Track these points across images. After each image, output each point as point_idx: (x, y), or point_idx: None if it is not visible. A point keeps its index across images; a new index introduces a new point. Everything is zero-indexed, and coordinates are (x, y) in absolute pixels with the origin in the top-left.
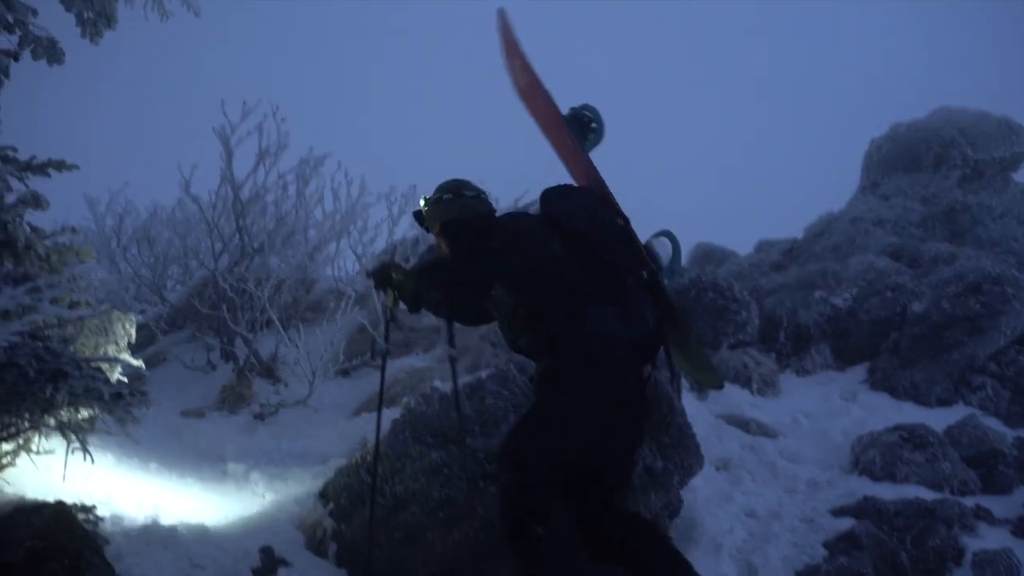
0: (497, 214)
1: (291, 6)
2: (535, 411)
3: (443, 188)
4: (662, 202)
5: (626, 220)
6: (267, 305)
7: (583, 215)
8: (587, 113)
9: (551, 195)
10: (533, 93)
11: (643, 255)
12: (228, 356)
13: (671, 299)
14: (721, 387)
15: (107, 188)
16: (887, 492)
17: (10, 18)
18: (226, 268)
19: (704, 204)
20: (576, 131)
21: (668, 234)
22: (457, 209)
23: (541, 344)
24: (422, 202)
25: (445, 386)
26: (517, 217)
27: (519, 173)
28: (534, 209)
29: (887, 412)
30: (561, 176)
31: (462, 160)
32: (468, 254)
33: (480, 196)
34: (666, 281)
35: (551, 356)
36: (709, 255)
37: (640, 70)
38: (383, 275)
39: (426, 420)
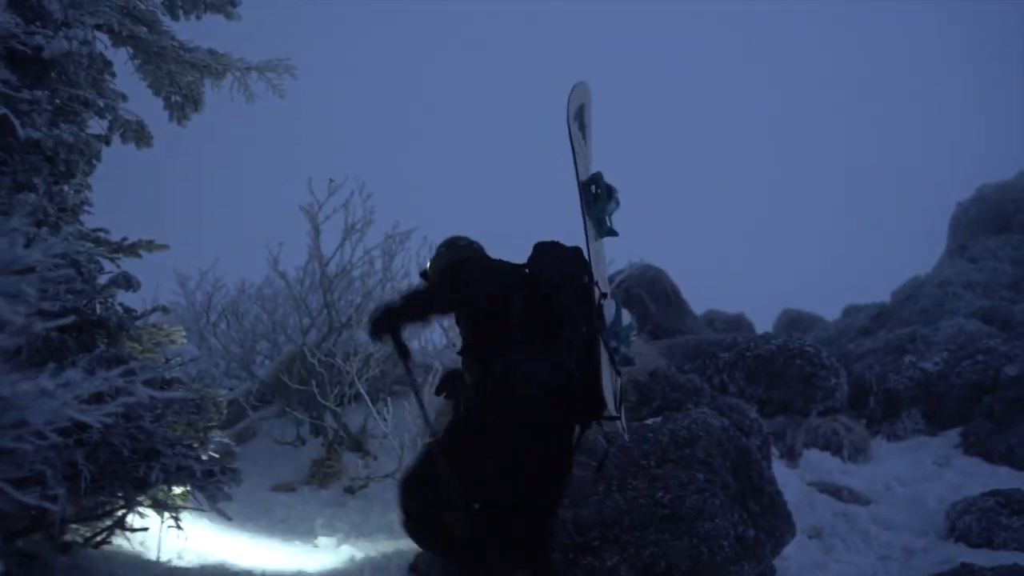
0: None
1: (373, 86)
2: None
3: (440, 244)
4: (747, 268)
5: (591, 279)
6: (355, 379)
7: (556, 269)
8: (592, 183)
9: (537, 248)
10: None
11: (594, 313)
12: (317, 431)
13: (596, 357)
14: None
15: (197, 264)
16: (985, 559)
17: (101, 103)
18: (314, 343)
19: (789, 271)
20: (584, 196)
21: (616, 299)
22: (451, 257)
23: (479, 380)
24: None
25: None
26: (491, 261)
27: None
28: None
29: (982, 477)
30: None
31: (545, 233)
32: (442, 284)
33: (472, 245)
34: (613, 343)
35: (482, 393)
36: (795, 321)
37: (729, 134)
38: (384, 325)
39: None
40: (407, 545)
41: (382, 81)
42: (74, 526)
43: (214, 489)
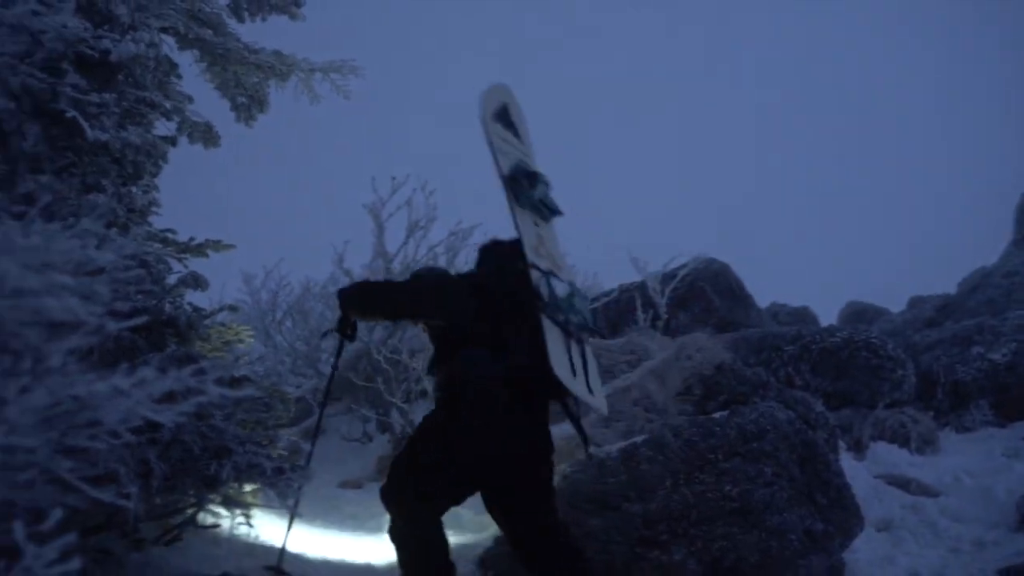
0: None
1: (437, 82)
2: (417, 437)
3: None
4: (810, 261)
5: (526, 264)
6: (421, 375)
7: (493, 265)
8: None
9: (480, 250)
10: None
11: (533, 295)
12: (384, 427)
13: (542, 335)
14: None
15: (262, 264)
16: None
17: (167, 105)
18: (380, 340)
19: (853, 262)
20: (512, 188)
21: (547, 276)
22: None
23: (441, 386)
24: None
25: (601, 451)
26: (442, 277)
27: (669, 239)
28: None
29: None
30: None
31: (609, 227)
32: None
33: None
34: (559, 316)
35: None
36: (860, 313)
37: (790, 129)
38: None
39: (582, 486)
40: (474, 539)
41: (446, 78)
42: (146, 523)
43: (284, 486)
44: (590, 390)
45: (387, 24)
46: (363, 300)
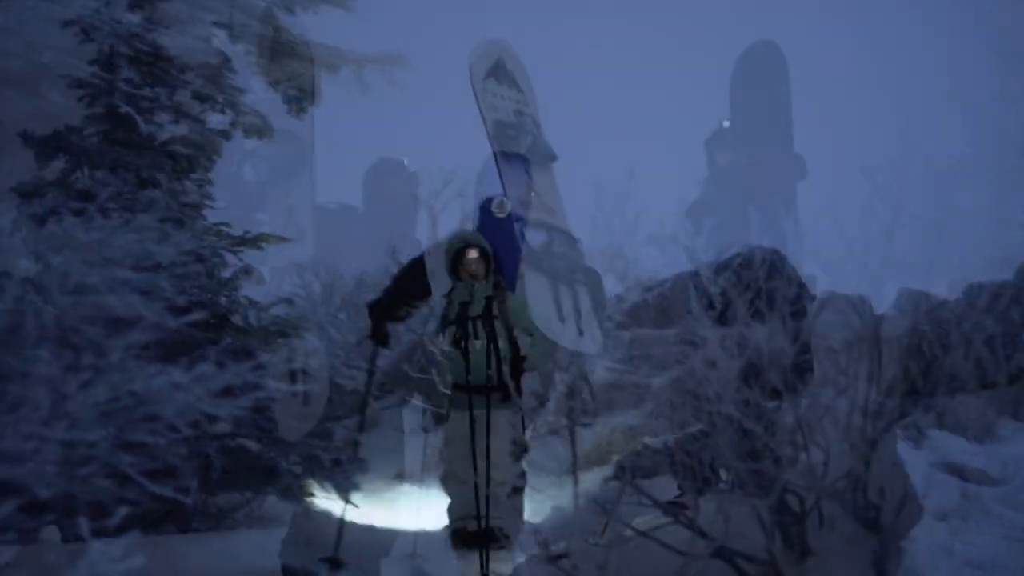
0: None
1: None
2: None
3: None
4: (865, 248)
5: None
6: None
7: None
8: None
9: (479, 208)
10: None
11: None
12: (439, 419)
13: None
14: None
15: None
16: None
17: (220, 99)
18: (434, 332)
19: (909, 250)
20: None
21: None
22: None
23: None
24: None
25: (656, 442)
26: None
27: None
28: None
29: None
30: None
31: (655, 216)
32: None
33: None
34: (545, 265)
35: None
36: (915, 301)
37: (834, 112)
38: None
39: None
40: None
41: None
42: (204, 515)
43: (341, 478)
44: (580, 331)
45: (433, 12)
46: (382, 301)
